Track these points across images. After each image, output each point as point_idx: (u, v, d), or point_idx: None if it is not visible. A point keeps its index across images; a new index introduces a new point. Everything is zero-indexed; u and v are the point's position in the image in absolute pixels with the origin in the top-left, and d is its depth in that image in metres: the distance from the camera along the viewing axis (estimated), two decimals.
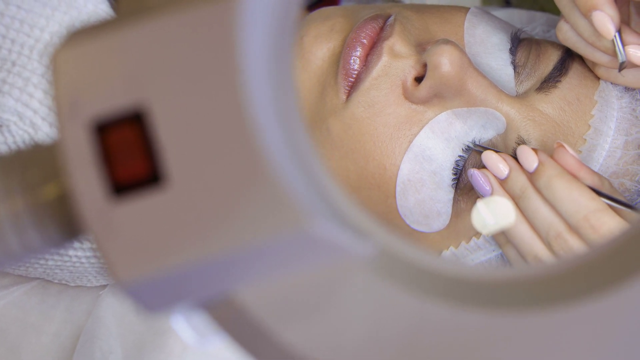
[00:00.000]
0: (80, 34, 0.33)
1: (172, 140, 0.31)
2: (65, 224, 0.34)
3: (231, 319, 0.34)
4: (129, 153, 0.31)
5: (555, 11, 1.16)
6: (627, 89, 0.79)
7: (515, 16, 0.97)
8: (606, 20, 0.70)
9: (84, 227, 0.31)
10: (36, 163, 0.34)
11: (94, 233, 0.31)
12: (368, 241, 0.33)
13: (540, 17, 0.96)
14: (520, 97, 0.77)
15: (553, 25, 0.91)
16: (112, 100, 0.31)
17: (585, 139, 0.76)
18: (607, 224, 0.70)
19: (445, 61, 0.73)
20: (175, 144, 0.31)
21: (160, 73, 0.31)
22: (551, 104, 0.77)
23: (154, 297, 0.32)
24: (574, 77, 0.78)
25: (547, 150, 0.76)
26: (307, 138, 0.34)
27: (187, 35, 0.31)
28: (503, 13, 0.98)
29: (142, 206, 0.31)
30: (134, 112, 0.31)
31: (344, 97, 0.77)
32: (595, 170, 0.77)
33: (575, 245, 0.71)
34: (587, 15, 0.70)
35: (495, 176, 0.74)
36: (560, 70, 0.78)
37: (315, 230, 0.31)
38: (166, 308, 0.33)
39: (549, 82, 0.77)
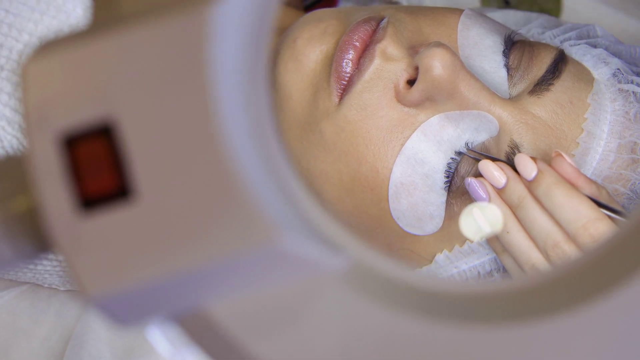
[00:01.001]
0: (51, 45, 0.32)
1: (141, 154, 0.31)
2: (37, 237, 0.34)
3: (203, 333, 0.34)
4: (98, 167, 0.31)
5: (554, 11, 1.16)
6: (621, 90, 0.79)
7: (511, 17, 0.97)
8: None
9: (52, 241, 0.31)
10: (7, 175, 0.34)
11: (61, 247, 0.31)
12: (341, 254, 0.33)
13: (536, 18, 0.95)
14: (513, 100, 0.77)
15: (548, 27, 0.91)
16: (81, 114, 0.31)
17: (578, 143, 0.76)
18: (606, 233, 0.69)
19: (437, 64, 0.73)
20: (144, 157, 0.31)
21: (130, 86, 0.31)
22: (544, 107, 0.76)
23: (124, 311, 0.32)
24: (567, 79, 0.78)
25: (540, 153, 0.76)
26: (282, 151, 0.33)
27: (157, 48, 0.31)
28: (499, 14, 0.98)
29: (111, 220, 0.31)
30: (103, 125, 0.31)
31: (337, 100, 0.77)
32: (589, 174, 0.77)
33: (573, 254, 0.71)
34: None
35: (492, 185, 0.74)
36: (553, 73, 0.77)
37: (284, 245, 0.31)
38: (138, 322, 0.33)
39: (542, 85, 0.77)
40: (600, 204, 0.70)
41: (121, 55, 0.32)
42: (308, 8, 1.18)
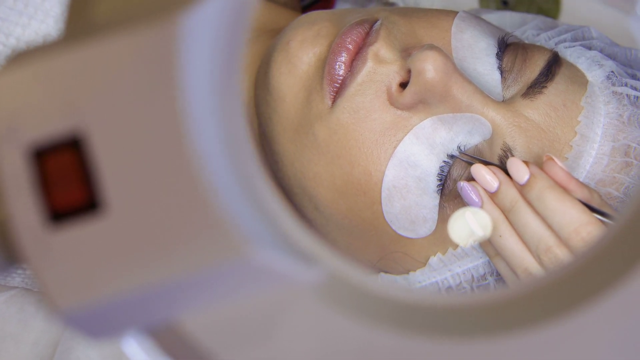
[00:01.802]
0: (22, 56, 0.32)
1: (111, 166, 0.31)
2: (8, 249, 0.34)
3: (177, 346, 0.33)
4: (67, 179, 0.31)
5: (552, 11, 1.15)
6: (615, 93, 0.78)
7: (507, 19, 0.97)
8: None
9: (21, 254, 0.31)
10: None
11: (30, 261, 0.31)
12: (315, 267, 0.33)
13: (532, 19, 0.95)
14: (506, 102, 0.77)
15: (544, 28, 0.90)
16: (51, 126, 0.31)
17: (572, 146, 0.76)
18: (598, 237, 0.69)
19: (429, 67, 0.73)
20: (114, 170, 0.31)
21: (100, 98, 0.31)
22: (537, 109, 0.76)
23: (95, 324, 0.32)
24: (560, 82, 0.77)
25: (533, 156, 0.75)
26: (255, 162, 0.33)
27: (128, 60, 0.31)
28: (496, 16, 0.97)
29: (80, 234, 0.31)
30: (72, 137, 0.31)
31: (330, 102, 0.76)
32: (582, 177, 0.76)
33: (565, 258, 0.70)
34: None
35: (485, 189, 0.74)
36: (546, 75, 0.77)
37: (255, 259, 0.30)
38: (109, 335, 0.33)
39: (535, 87, 0.77)
40: (592, 208, 0.70)
41: (91, 67, 0.31)
42: (305, 8, 1.18)
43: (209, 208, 0.30)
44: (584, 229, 0.69)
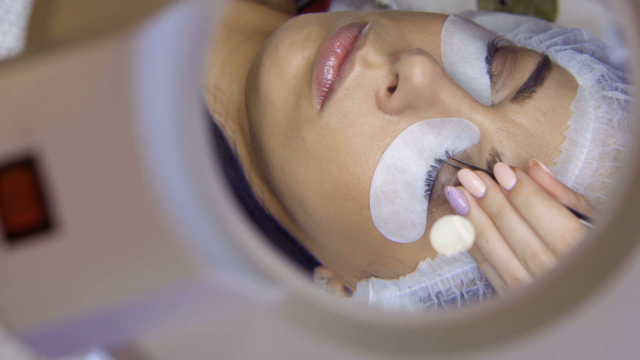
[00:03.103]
0: None
1: (65, 186, 0.30)
2: None
3: None
4: (21, 199, 0.30)
5: (550, 12, 1.15)
6: (605, 97, 0.78)
7: (501, 21, 0.96)
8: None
9: None
10: None
11: None
12: (276, 287, 0.33)
13: (525, 21, 0.94)
14: (495, 107, 0.76)
15: (536, 31, 0.89)
16: (4, 145, 0.30)
17: (561, 150, 0.75)
18: None
19: (417, 72, 0.72)
20: (69, 190, 0.30)
21: (54, 117, 0.30)
22: (526, 114, 0.75)
23: (50, 345, 0.31)
24: (550, 86, 0.77)
25: (522, 161, 0.75)
26: (218, 181, 0.33)
27: (82, 78, 0.30)
28: (490, 18, 0.97)
29: (35, 254, 0.30)
30: (26, 157, 0.30)
31: (318, 106, 0.76)
32: (571, 182, 0.76)
33: (551, 264, 0.70)
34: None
35: (472, 194, 0.74)
36: (535, 80, 0.76)
37: (211, 280, 0.30)
38: (67, 355, 0.32)
39: (524, 92, 0.76)
40: (578, 214, 0.70)
41: (46, 84, 0.31)
42: (301, 9, 1.17)
43: (165, 229, 0.30)
44: (570, 234, 0.69)
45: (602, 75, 0.79)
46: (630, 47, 0.35)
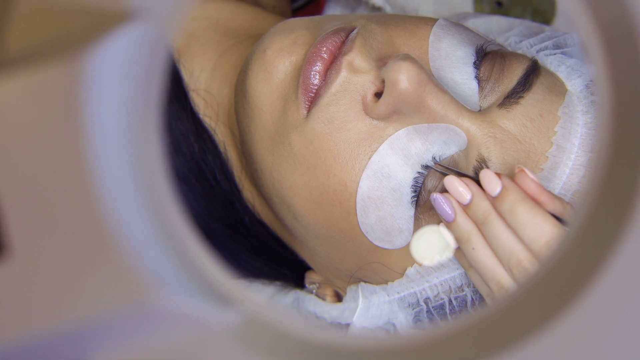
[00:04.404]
0: None
1: (14, 208, 0.30)
2: None
3: None
4: None
5: (548, 12, 1.14)
6: (594, 102, 0.77)
7: (494, 24, 0.95)
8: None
9: None
10: None
11: None
12: (231, 309, 0.32)
13: (518, 25, 0.94)
14: (482, 112, 0.75)
15: (528, 35, 0.89)
16: None
17: (548, 157, 0.75)
18: None
19: (402, 78, 0.72)
20: (16, 213, 0.30)
21: (2, 138, 0.30)
22: (513, 120, 0.75)
23: None
24: (537, 92, 0.76)
25: (508, 167, 0.74)
26: (173, 204, 0.32)
27: (30, 100, 0.30)
28: (482, 20, 0.96)
29: None
30: None
31: (305, 112, 0.76)
32: (559, 188, 0.75)
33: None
34: None
35: (457, 201, 0.73)
36: (523, 85, 0.76)
37: (161, 303, 0.30)
38: None
39: (512, 97, 0.76)
40: (563, 222, 0.69)
41: None
42: (296, 11, 1.17)
43: (114, 252, 0.30)
44: (555, 242, 0.68)
45: (591, 80, 0.79)
46: (595, 65, 0.35)
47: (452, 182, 0.73)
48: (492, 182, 0.72)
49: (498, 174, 0.72)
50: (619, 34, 0.33)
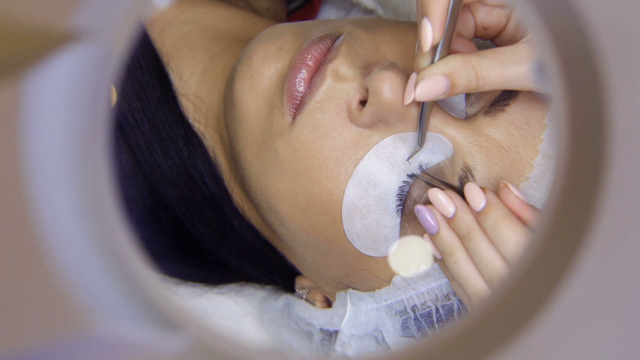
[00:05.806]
0: None
1: None
2: None
3: None
4: None
5: None
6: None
7: None
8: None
9: None
10: None
11: None
12: (177, 334, 0.32)
13: None
14: (468, 120, 0.75)
15: None
16: None
17: (534, 165, 0.74)
18: None
19: (385, 88, 0.71)
20: None
21: None
22: (498, 128, 0.74)
23: None
24: (524, 99, 0.75)
25: (494, 176, 0.74)
26: (120, 227, 0.32)
27: None
28: None
29: None
30: None
31: (290, 119, 0.75)
32: (545, 197, 0.75)
33: None
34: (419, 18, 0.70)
35: (441, 214, 0.73)
36: (509, 92, 0.75)
37: (102, 330, 0.29)
38: None
39: (497, 105, 0.75)
40: None
41: None
42: (292, 13, 1.16)
43: (51, 278, 0.29)
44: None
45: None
46: (551, 83, 0.34)
47: (436, 194, 0.73)
48: (476, 197, 0.71)
49: (483, 188, 0.71)
50: (574, 51, 0.33)
